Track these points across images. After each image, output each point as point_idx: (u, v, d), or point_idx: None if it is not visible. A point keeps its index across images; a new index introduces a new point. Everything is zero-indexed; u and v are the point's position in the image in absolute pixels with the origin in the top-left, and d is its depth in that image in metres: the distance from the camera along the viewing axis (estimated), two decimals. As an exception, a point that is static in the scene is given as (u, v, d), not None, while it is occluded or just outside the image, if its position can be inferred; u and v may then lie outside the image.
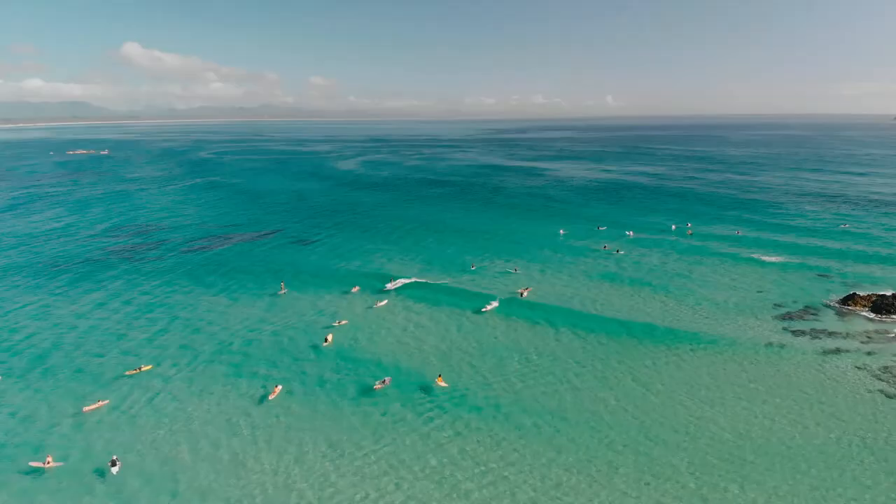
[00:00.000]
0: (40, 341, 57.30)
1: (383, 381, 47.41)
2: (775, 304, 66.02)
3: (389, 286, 72.28)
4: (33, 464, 36.44)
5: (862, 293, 66.24)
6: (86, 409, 43.66)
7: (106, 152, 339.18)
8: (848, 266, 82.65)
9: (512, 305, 66.47)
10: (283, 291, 72.35)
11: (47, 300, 70.04)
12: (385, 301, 67.85)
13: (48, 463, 36.32)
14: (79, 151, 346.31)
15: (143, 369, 50.27)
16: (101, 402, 44.44)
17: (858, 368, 49.70)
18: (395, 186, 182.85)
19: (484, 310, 64.30)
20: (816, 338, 56.35)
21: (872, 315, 61.67)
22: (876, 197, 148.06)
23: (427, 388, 46.81)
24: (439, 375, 47.95)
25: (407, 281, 74.85)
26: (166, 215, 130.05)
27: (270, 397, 45.58)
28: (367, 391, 46.77)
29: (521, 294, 70.24)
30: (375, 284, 73.88)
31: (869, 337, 56.55)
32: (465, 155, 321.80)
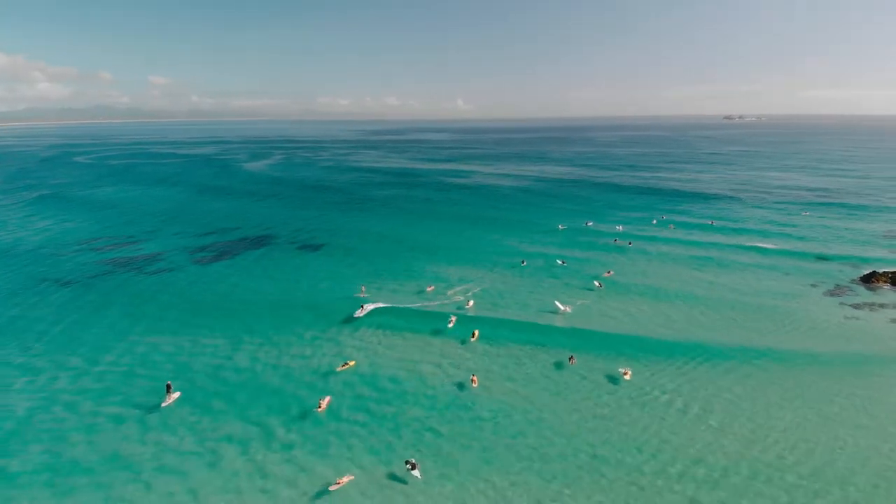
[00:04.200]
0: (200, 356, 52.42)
1: (571, 358, 50.58)
2: (811, 285, 71.06)
3: (460, 298, 68.42)
4: (334, 487, 34.09)
5: (880, 270, 72.91)
6: (318, 409, 42.60)
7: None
8: (835, 249, 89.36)
9: (598, 299, 67.15)
10: (363, 294, 70.10)
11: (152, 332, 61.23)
12: (472, 301, 66.91)
13: (340, 482, 34.30)
14: None
15: (349, 364, 49.74)
16: (326, 399, 43.85)
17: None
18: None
19: (563, 310, 62.13)
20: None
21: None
22: (796, 188, 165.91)
23: (613, 379, 47.73)
24: (626, 370, 47.78)
25: (475, 289, 71.70)
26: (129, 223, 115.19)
27: (473, 385, 46.61)
28: (560, 365, 50.23)
29: (598, 285, 70.37)
30: (448, 284, 73.81)
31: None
32: (361, 158, 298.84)
